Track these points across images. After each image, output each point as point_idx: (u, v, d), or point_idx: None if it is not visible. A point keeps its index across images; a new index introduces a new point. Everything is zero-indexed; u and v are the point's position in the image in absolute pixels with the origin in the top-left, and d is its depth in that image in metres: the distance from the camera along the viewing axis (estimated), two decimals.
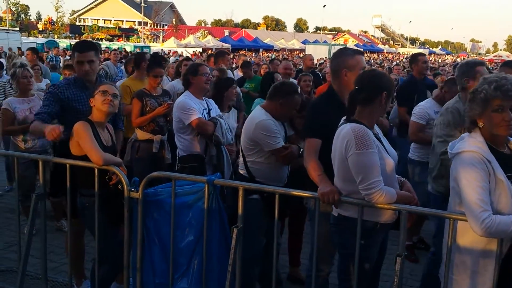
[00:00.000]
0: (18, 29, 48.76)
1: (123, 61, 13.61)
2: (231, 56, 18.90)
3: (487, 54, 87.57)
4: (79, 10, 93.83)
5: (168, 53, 35.67)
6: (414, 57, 7.79)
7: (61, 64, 19.05)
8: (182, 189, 3.77)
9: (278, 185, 4.22)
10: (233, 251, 3.48)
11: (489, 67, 20.01)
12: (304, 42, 63.63)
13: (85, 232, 4.64)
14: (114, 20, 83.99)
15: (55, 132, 3.92)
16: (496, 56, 63.85)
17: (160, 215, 3.85)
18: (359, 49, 4.36)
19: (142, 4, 70.33)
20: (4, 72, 9.33)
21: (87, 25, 70.17)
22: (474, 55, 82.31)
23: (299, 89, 4.56)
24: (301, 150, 4.30)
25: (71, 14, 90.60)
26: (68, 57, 20.47)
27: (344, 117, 3.45)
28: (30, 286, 4.67)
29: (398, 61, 33.45)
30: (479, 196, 2.78)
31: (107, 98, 3.99)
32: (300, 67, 12.84)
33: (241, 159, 4.43)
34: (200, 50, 43.72)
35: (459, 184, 2.90)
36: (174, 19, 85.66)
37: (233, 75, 9.22)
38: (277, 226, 3.57)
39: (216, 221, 3.73)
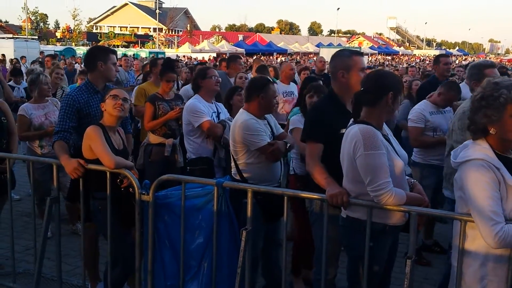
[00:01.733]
0: (37, 37, 49.39)
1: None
2: (244, 60, 18.98)
3: (506, 54, 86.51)
4: (96, 18, 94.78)
5: (183, 58, 35.87)
6: (437, 59, 7.78)
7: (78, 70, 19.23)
8: (192, 191, 3.81)
9: (272, 184, 4.25)
10: (242, 253, 3.49)
11: (509, 67, 19.66)
12: (318, 46, 63.49)
13: (99, 235, 4.70)
14: (130, 27, 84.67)
15: (79, 171, 4.03)
16: None
17: (171, 217, 3.90)
18: (357, 50, 4.33)
19: (157, 11, 70.88)
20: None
21: (103, 33, 71.08)
22: (493, 56, 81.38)
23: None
24: (288, 145, 4.33)
25: (88, 22, 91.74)
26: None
27: (352, 119, 3.45)
28: None
29: (414, 63, 33.22)
30: (490, 208, 2.69)
31: (117, 102, 4.05)
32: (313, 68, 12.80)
33: (233, 163, 4.38)
34: (214, 55, 43.84)
35: (468, 195, 2.81)
36: (188, 25, 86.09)
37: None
38: (284, 228, 3.56)
39: (226, 224, 3.76)
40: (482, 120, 2.85)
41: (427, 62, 43.56)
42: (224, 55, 37.08)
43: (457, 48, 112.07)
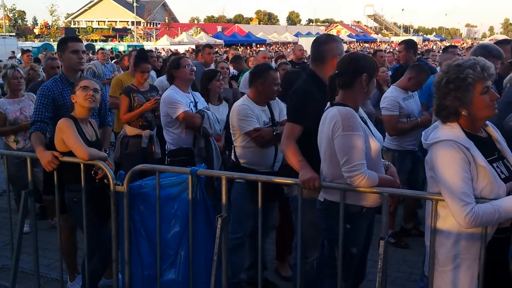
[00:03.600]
0: (14, 34, 48.83)
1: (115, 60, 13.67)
2: (216, 50, 18.99)
3: (482, 39, 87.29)
4: (73, 13, 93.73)
5: (162, 51, 35.62)
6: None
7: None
8: (166, 181, 3.79)
9: (265, 169, 4.35)
10: (218, 240, 3.49)
11: None
12: (296, 35, 63.46)
13: (77, 228, 4.67)
14: (108, 21, 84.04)
15: (54, 164, 4.00)
16: (492, 40, 63.61)
17: (146, 207, 3.87)
18: (347, 32, 4.38)
19: (134, 4, 70.20)
20: None
21: (81, 28, 70.34)
22: (470, 40, 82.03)
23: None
24: (275, 132, 4.37)
25: (66, 17, 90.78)
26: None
27: (328, 103, 3.47)
28: (23, 282, 4.72)
29: (391, 49, 33.35)
30: (460, 189, 2.70)
31: (88, 94, 4.02)
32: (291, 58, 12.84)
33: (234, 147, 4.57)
34: (193, 47, 43.62)
35: (438, 176, 2.82)
36: (166, 18, 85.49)
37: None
38: (261, 213, 3.57)
39: (201, 212, 3.75)
40: (454, 104, 2.84)
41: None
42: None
43: (434, 33, 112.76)
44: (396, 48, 7.79)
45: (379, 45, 59.84)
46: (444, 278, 2.91)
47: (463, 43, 57.13)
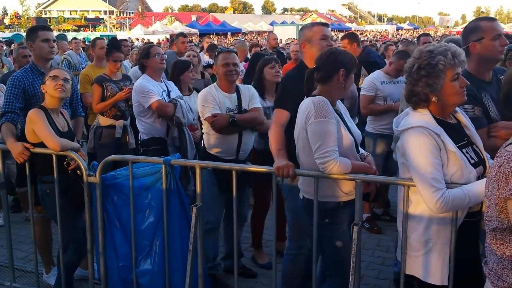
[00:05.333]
0: None
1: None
2: (190, 39, 18.89)
3: (455, 27, 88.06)
4: (44, 3, 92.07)
5: (135, 40, 35.27)
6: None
7: None
8: (140, 171, 3.77)
9: (228, 157, 4.40)
10: (193, 230, 3.49)
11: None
12: (272, 24, 63.38)
13: (51, 220, 4.62)
14: (80, 11, 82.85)
15: (25, 155, 3.96)
16: (464, 28, 64.39)
17: (120, 198, 3.86)
18: (323, 21, 4.39)
19: None
20: None
21: (53, 17, 69.10)
22: (442, 29, 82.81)
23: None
24: (231, 119, 4.38)
25: (37, 7, 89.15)
26: None
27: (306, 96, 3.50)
28: None
29: (366, 38, 33.56)
30: (431, 175, 2.73)
31: (58, 83, 3.96)
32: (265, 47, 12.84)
33: None
34: (168, 36, 43.24)
35: (409, 162, 2.85)
36: (140, 7, 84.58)
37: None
38: (236, 200, 3.58)
39: (176, 201, 3.74)
40: (425, 90, 2.86)
41: (379, 37, 44.10)
42: None
43: (407, 22, 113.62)
44: (340, 44, 7.87)
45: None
46: (416, 263, 2.95)
47: (436, 31, 57.67)
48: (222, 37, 49.52)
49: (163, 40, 34.63)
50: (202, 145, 4.62)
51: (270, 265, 3.99)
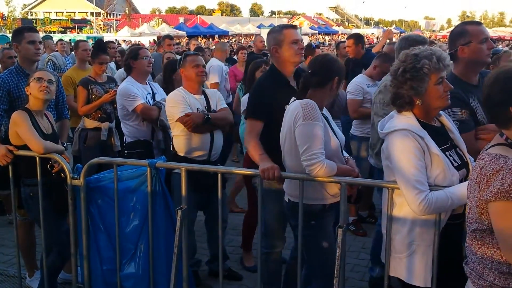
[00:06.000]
0: None
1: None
2: (178, 41, 18.89)
3: (440, 31, 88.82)
4: (30, 4, 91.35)
5: (122, 42, 35.12)
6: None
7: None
8: (124, 173, 3.76)
9: (201, 158, 4.38)
10: (178, 233, 3.48)
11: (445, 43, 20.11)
12: (259, 27, 63.23)
13: (35, 223, 4.59)
14: (66, 12, 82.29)
15: (8, 158, 3.92)
16: (450, 32, 64.94)
17: (104, 201, 3.83)
18: (292, 24, 4.38)
19: None
20: None
21: (39, 19, 68.61)
22: (428, 33, 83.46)
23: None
24: (205, 117, 4.36)
25: (23, 8, 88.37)
26: None
27: (293, 97, 3.50)
28: None
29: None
30: (414, 177, 2.76)
31: (42, 85, 3.93)
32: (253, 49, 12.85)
33: None
34: (155, 38, 43.11)
35: (394, 164, 2.87)
36: (127, 8, 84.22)
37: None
38: (221, 203, 3.58)
39: (161, 204, 3.73)
40: (409, 93, 2.88)
41: (366, 40, 44.23)
42: None
43: (394, 26, 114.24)
44: (346, 43, 7.97)
45: (339, 38, 60.25)
46: (400, 264, 2.97)
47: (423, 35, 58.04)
48: (210, 39, 49.49)
49: (150, 42, 34.44)
50: (172, 149, 4.51)
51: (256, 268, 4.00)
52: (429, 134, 2.87)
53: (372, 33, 58.84)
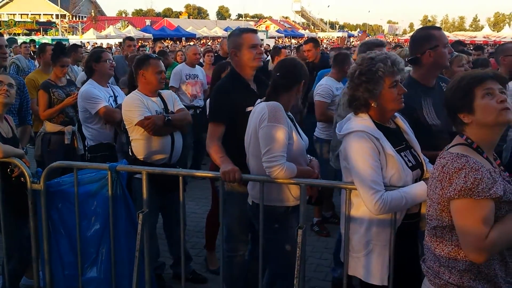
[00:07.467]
0: None
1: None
2: (145, 44, 18.85)
3: (403, 35, 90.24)
4: None
5: (87, 44, 34.70)
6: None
7: None
8: (85, 177, 3.73)
9: (162, 161, 4.34)
10: (140, 236, 3.48)
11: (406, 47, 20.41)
12: (226, 30, 63.27)
13: None
14: (31, 14, 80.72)
15: None
16: (411, 36, 65.92)
17: (65, 205, 3.80)
18: (252, 28, 4.37)
19: None
20: None
21: (3, 21, 67.27)
22: (391, 36, 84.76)
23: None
24: (166, 118, 4.34)
25: None
26: None
27: (259, 99, 3.55)
28: None
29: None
30: (370, 177, 2.82)
31: (2, 88, 3.89)
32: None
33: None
34: (121, 40, 42.66)
35: (351, 165, 2.93)
36: (92, 11, 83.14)
37: None
38: (184, 207, 3.60)
39: (122, 208, 3.72)
40: (364, 95, 2.96)
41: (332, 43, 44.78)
42: None
43: (358, 29, 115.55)
44: (305, 47, 8.09)
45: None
46: (358, 264, 3.04)
47: (386, 39, 58.93)
48: (177, 42, 49.25)
49: (115, 44, 34.10)
50: (131, 153, 4.41)
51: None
52: (384, 135, 2.94)
53: (337, 37, 59.40)
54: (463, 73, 2.45)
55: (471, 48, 12.40)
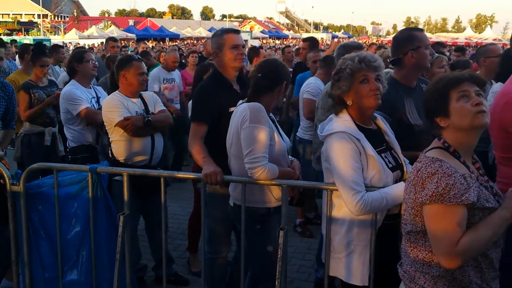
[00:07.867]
0: None
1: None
2: (128, 44, 18.73)
3: (387, 36, 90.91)
4: None
5: (69, 45, 34.42)
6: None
7: None
8: (65, 179, 3.70)
9: (142, 162, 4.33)
10: (121, 238, 3.46)
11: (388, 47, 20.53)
12: (210, 30, 63.18)
13: None
14: (12, 14, 79.83)
15: None
16: (394, 38, 66.29)
17: (45, 207, 3.75)
18: (234, 28, 4.35)
19: None
20: None
21: None
22: (375, 38, 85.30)
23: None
24: (146, 119, 4.32)
25: None
26: None
27: (241, 100, 3.55)
28: None
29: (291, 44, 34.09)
30: (351, 178, 2.83)
31: None
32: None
33: None
34: (104, 41, 42.38)
35: (332, 166, 2.95)
36: (75, 10, 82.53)
37: None
38: (164, 209, 3.59)
39: (102, 210, 3.69)
40: (337, 93, 3.03)
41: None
42: None
43: (342, 31, 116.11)
44: (300, 45, 8.07)
45: (290, 41, 60.87)
46: (339, 264, 3.05)
47: (370, 40, 59.26)
48: (161, 42, 49.04)
49: (98, 44, 33.88)
50: (111, 155, 4.40)
51: None
52: (365, 136, 2.97)
53: (321, 38, 59.63)
54: (441, 75, 2.48)
55: (453, 49, 12.46)
